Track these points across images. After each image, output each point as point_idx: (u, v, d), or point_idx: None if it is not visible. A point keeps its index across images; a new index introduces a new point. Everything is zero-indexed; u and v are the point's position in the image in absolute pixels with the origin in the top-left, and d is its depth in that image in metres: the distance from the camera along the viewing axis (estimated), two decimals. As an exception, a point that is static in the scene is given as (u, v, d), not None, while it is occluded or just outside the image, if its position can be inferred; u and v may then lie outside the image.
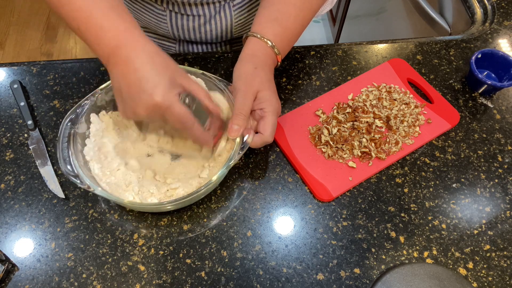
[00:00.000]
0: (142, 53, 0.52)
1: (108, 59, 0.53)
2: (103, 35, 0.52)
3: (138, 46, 0.52)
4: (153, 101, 0.51)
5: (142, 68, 0.51)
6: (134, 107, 0.52)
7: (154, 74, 0.51)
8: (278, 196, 0.64)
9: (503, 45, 0.83)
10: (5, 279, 0.57)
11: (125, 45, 0.52)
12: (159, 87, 0.51)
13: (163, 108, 0.51)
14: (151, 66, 0.51)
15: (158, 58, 0.53)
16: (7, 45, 2.16)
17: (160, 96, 0.50)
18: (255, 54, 0.63)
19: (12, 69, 0.76)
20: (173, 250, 0.59)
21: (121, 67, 0.52)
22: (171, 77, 0.52)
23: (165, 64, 0.53)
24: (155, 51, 0.53)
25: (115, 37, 0.52)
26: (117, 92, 0.54)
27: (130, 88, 0.52)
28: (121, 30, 0.52)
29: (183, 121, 0.53)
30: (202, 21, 0.74)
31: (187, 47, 0.83)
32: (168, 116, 0.53)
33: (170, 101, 0.51)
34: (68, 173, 0.55)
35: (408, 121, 0.70)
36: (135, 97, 0.51)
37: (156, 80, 0.51)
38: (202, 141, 0.58)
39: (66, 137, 0.58)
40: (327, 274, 0.58)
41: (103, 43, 0.53)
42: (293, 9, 0.64)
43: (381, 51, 0.81)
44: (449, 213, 0.63)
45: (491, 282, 0.58)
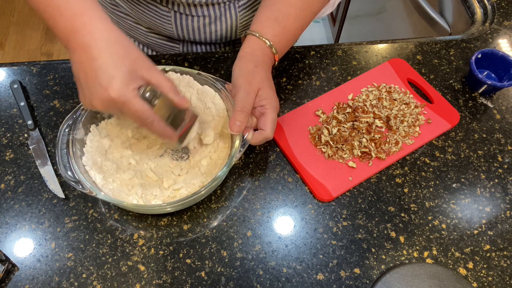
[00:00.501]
0: (101, 40, 0.48)
1: (67, 44, 0.50)
2: (60, 18, 0.49)
3: (96, 32, 0.48)
4: (108, 96, 0.48)
5: (99, 57, 0.48)
6: (91, 99, 0.50)
7: (111, 64, 0.48)
8: (278, 196, 0.64)
9: (503, 45, 0.83)
10: (5, 279, 0.57)
11: (82, 29, 0.48)
12: (114, 81, 0.48)
13: (119, 103, 0.49)
14: (109, 55, 0.48)
15: (117, 45, 0.49)
16: (7, 45, 2.16)
17: (115, 91, 0.48)
18: (254, 53, 0.63)
19: (12, 69, 0.76)
20: (173, 250, 0.59)
21: (79, 53, 0.49)
22: (131, 68, 0.49)
23: (124, 53, 0.49)
24: (115, 38, 0.49)
25: (72, 20, 0.49)
26: (76, 79, 0.51)
27: (86, 78, 0.49)
28: (78, 12, 0.49)
29: (141, 118, 0.51)
30: (207, 21, 0.74)
31: (191, 48, 0.83)
32: (125, 112, 0.50)
33: (126, 97, 0.48)
34: (70, 179, 0.55)
35: (408, 121, 0.70)
36: (91, 88, 0.49)
37: (112, 72, 0.48)
38: (164, 137, 0.55)
39: (65, 143, 0.58)
40: (327, 274, 0.58)
41: (61, 26, 0.49)
42: (293, 10, 0.64)
43: (381, 51, 0.81)
44: (449, 213, 0.63)
45: (491, 282, 0.58)
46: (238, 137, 0.59)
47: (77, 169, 0.56)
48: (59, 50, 2.16)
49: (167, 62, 0.77)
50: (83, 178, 0.56)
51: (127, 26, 0.82)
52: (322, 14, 0.79)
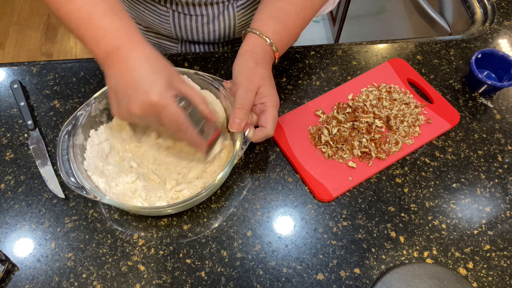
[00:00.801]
0: (142, 54, 0.52)
1: (106, 59, 0.53)
2: (103, 36, 0.52)
3: (138, 48, 0.52)
4: (149, 100, 0.50)
5: (140, 67, 0.51)
6: (129, 105, 0.52)
7: (151, 73, 0.51)
8: (278, 196, 0.64)
9: (503, 45, 0.83)
10: (5, 279, 0.57)
11: (124, 47, 0.52)
12: (155, 86, 0.50)
13: (159, 107, 0.51)
14: (149, 66, 0.52)
15: (156, 60, 0.53)
16: (7, 45, 2.16)
17: (156, 95, 0.50)
18: (254, 51, 0.63)
19: (12, 69, 0.76)
20: (173, 250, 0.59)
21: (119, 66, 0.52)
22: (168, 79, 0.52)
23: (162, 66, 0.53)
24: (154, 54, 0.53)
25: (116, 38, 0.52)
26: (112, 92, 0.54)
27: (126, 86, 0.51)
28: (122, 32, 0.53)
29: (178, 122, 0.53)
30: (206, 21, 0.74)
31: (189, 47, 0.83)
32: (163, 116, 0.52)
33: (166, 101, 0.51)
34: (73, 185, 0.55)
35: (408, 121, 0.70)
36: (131, 95, 0.51)
37: (153, 79, 0.51)
38: (196, 144, 0.57)
39: (65, 149, 0.58)
40: (327, 274, 0.58)
41: (103, 44, 0.53)
42: (294, 8, 0.64)
43: (381, 51, 0.81)
44: (449, 213, 0.63)
45: (491, 282, 0.58)
46: (239, 136, 0.59)
47: (79, 174, 0.56)
48: (59, 50, 2.16)
49: (167, 62, 0.77)
50: (86, 184, 0.55)
51: None
52: (323, 11, 0.79)
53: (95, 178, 0.58)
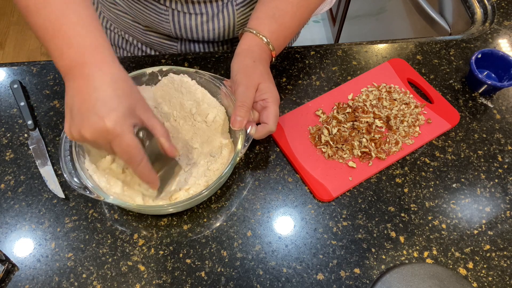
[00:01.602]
0: (107, 75, 0.49)
1: (68, 73, 0.50)
2: (68, 48, 0.49)
3: (104, 66, 0.49)
4: (104, 126, 0.47)
5: (101, 89, 0.48)
6: (81, 127, 0.48)
7: (112, 98, 0.48)
8: (278, 196, 0.64)
9: (503, 45, 0.83)
10: (5, 279, 0.57)
11: (90, 63, 0.49)
12: (114, 113, 0.47)
13: (113, 135, 0.48)
14: (112, 90, 0.48)
15: (122, 83, 0.50)
16: (7, 45, 2.16)
17: (112, 122, 0.47)
18: (251, 49, 0.63)
19: (12, 69, 0.76)
20: (173, 250, 0.59)
21: (80, 82, 0.48)
22: (131, 106, 0.49)
23: (128, 91, 0.50)
24: (121, 76, 0.50)
25: (82, 53, 0.49)
26: (68, 108, 0.50)
27: (82, 106, 0.48)
28: (90, 48, 0.49)
29: (131, 154, 0.50)
30: (205, 19, 0.74)
31: (189, 46, 0.83)
32: (115, 146, 0.49)
33: (122, 130, 0.48)
34: (76, 185, 0.55)
35: (408, 121, 0.70)
36: (84, 117, 0.48)
37: (113, 105, 0.47)
38: (147, 180, 0.54)
39: (68, 150, 0.57)
40: (327, 274, 0.58)
41: (67, 56, 0.49)
42: (290, 7, 0.65)
43: (381, 51, 0.81)
44: (449, 213, 0.63)
45: (491, 282, 0.58)
46: (242, 133, 0.59)
47: (82, 174, 0.56)
48: (59, 50, 2.16)
49: (167, 62, 0.77)
50: (89, 183, 0.55)
51: (125, 24, 0.82)
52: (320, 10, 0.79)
53: (96, 177, 0.58)
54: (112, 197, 0.55)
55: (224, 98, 0.65)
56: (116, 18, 0.82)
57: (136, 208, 0.57)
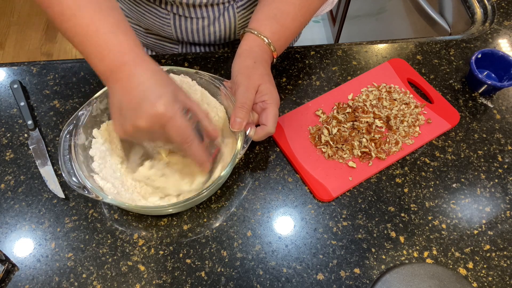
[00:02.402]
0: (147, 70, 0.52)
1: (110, 76, 0.52)
2: (108, 52, 0.52)
3: (143, 64, 0.52)
4: (156, 111, 0.50)
5: (146, 81, 0.51)
6: (136, 118, 0.51)
7: (157, 86, 0.51)
8: (278, 196, 0.64)
9: (503, 45, 0.83)
10: (5, 279, 0.57)
11: (129, 63, 0.51)
12: (162, 98, 0.50)
13: (166, 118, 0.50)
14: (155, 80, 0.51)
15: (161, 75, 0.53)
16: (7, 45, 2.16)
17: (163, 106, 0.50)
18: (252, 50, 0.63)
19: (12, 69, 0.76)
20: (173, 250, 0.59)
21: (124, 82, 0.51)
22: (174, 92, 0.52)
23: (168, 81, 0.53)
24: (158, 69, 0.53)
25: (121, 55, 0.52)
26: (115, 108, 0.53)
27: (131, 101, 0.51)
28: (127, 49, 0.52)
29: (184, 134, 0.52)
30: (206, 23, 0.74)
31: (190, 49, 0.83)
32: (169, 128, 0.51)
33: (173, 112, 0.50)
34: (74, 185, 0.55)
35: (408, 121, 0.70)
36: (137, 108, 0.50)
37: (160, 91, 0.50)
38: (201, 159, 0.55)
39: (67, 149, 0.57)
40: (327, 274, 0.58)
41: (108, 60, 0.52)
42: (292, 8, 0.64)
43: (381, 51, 0.81)
44: (449, 213, 0.63)
45: (491, 282, 0.58)
46: (241, 135, 0.59)
47: (81, 174, 0.56)
48: (59, 50, 2.16)
49: (167, 62, 0.77)
50: (88, 183, 0.55)
51: None
52: (322, 11, 0.79)
53: (97, 177, 0.58)
54: (110, 197, 0.55)
55: (224, 99, 0.65)
56: None
57: (135, 208, 0.57)
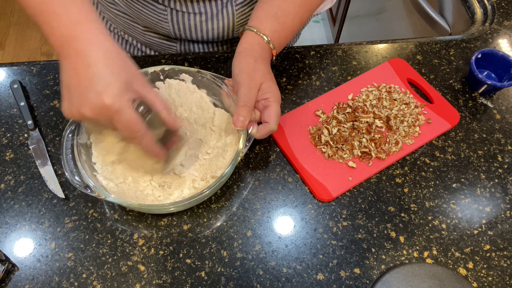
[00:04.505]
0: (99, 49, 0.48)
1: (61, 50, 0.49)
2: (58, 24, 0.48)
3: (95, 40, 0.48)
4: (102, 102, 0.46)
5: (96, 65, 0.47)
6: (80, 105, 0.48)
7: (108, 73, 0.47)
8: (278, 196, 0.64)
9: (503, 45, 0.83)
10: (5, 279, 0.57)
11: (81, 37, 0.47)
12: (110, 88, 0.47)
13: (112, 111, 0.47)
14: (106, 65, 0.47)
15: (116, 57, 0.49)
16: (7, 45, 2.16)
17: (110, 98, 0.46)
18: (252, 48, 0.63)
19: (12, 69, 0.76)
20: (173, 250, 0.59)
21: (73, 59, 0.47)
22: (127, 80, 0.49)
23: (123, 65, 0.49)
24: (114, 50, 0.49)
25: (71, 27, 0.48)
26: (65, 87, 0.49)
27: (79, 84, 0.47)
28: (79, 21, 0.48)
29: (132, 129, 0.49)
30: (204, 18, 0.74)
31: (188, 47, 0.83)
32: (116, 121, 0.48)
33: (121, 105, 0.47)
34: (77, 184, 0.55)
35: (408, 121, 0.70)
36: (83, 95, 0.47)
37: (109, 80, 0.47)
38: (152, 153, 0.54)
39: (69, 148, 0.57)
40: (327, 274, 0.58)
41: (57, 32, 0.48)
42: (292, 6, 0.65)
43: (381, 51, 0.81)
44: (449, 213, 0.63)
45: (491, 282, 0.58)
46: (243, 133, 0.59)
47: (84, 173, 0.56)
48: (59, 50, 2.16)
49: (167, 62, 0.77)
50: (91, 183, 0.55)
51: (125, 24, 0.82)
52: (322, 9, 0.79)
53: (99, 176, 0.59)
54: (113, 196, 0.55)
55: (226, 98, 0.65)
56: (116, 18, 0.82)
57: (137, 206, 0.57)
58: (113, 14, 0.81)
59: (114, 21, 0.83)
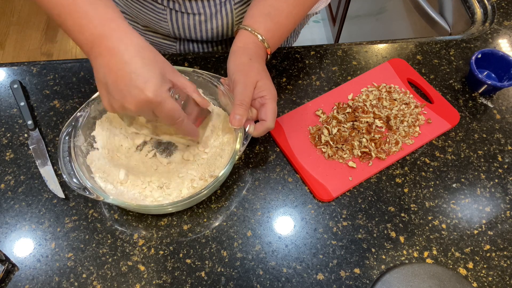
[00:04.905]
0: (131, 46, 0.50)
1: (92, 49, 0.51)
2: (87, 23, 0.50)
3: (125, 38, 0.50)
4: (145, 97, 0.49)
5: (131, 62, 0.49)
6: (123, 101, 0.51)
7: (145, 68, 0.50)
8: (278, 196, 0.64)
9: (503, 45, 0.83)
10: (5, 279, 0.57)
11: (111, 35, 0.50)
12: (150, 83, 0.49)
13: (155, 104, 0.51)
14: (141, 60, 0.50)
15: (146, 51, 0.51)
16: (7, 45, 2.16)
17: (151, 92, 0.49)
18: (246, 47, 0.63)
19: (12, 69, 0.76)
20: (173, 250, 0.59)
21: (107, 58, 0.50)
22: (161, 72, 0.52)
23: (154, 59, 0.52)
24: (143, 44, 0.51)
25: (101, 25, 0.50)
26: (101, 84, 0.52)
27: (118, 82, 0.50)
28: (107, 19, 0.50)
29: (174, 116, 0.53)
30: (203, 18, 0.74)
31: (188, 46, 0.83)
32: (159, 112, 0.52)
33: (162, 97, 0.51)
34: (75, 186, 0.55)
35: (408, 121, 0.70)
36: (124, 91, 0.50)
37: (147, 75, 0.50)
38: (191, 135, 0.59)
39: (66, 151, 0.57)
40: (327, 274, 0.58)
41: (87, 31, 0.50)
42: (286, 5, 0.65)
43: (381, 51, 0.81)
44: (449, 213, 0.63)
45: (491, 282, 0.58)
46: (240, 132, 0.60)
47: (82, 175, 0.56)
48: (59, 50, 2.17)
49: (167, 62, 0.77)
50: (89, 185, 0.55)
51: None
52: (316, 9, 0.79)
53: (98, 178, 0.59)
54: (111, 198, 0.55)
55: (222, 97, 0.65)
56: None
57: (136, 207, 0.57)
58: None
59: None
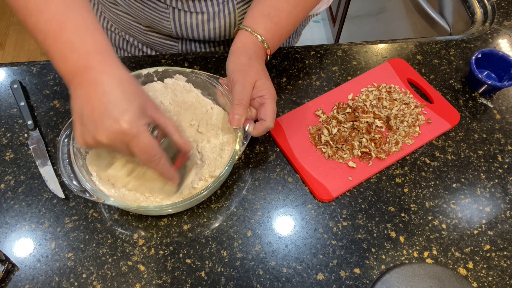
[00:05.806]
0: (114, 78, 0.48)
1: (73, 78, 0.49)
2: (71, 54, 0.49)
3: (109, 70, 0.49)
4: (119, 128, 0.47)
5: (111, 92, 0.48)
6: (95, 132, 0.48)
7: (123, 99, 0.48)
8: (278, 196, 0.64)
9: (503, 45, 0.83)
10: (5, 279, 0.57)
11: (95, 67, 0.48)
12: (127, 114, 0.47)
13: (130, 136, 0.48)
14: (121, 91, 0.48)
15: (129, 84, 0.50)
16: (7, 45, 2.16)
17: (127, 123, 0.47)
18: (246, 47, 0.63)
19: (12, 69, 0.76)
20: (173, 250, 0.59)
21: (87, 88, 0.48)
22: (141, 106, 0.49)
23: (136, 92, 0.50)
24: (127, 77, 0.50)
25: (86, 57, 0.49)
26: (77, 115, 0.50)
27: (93, 112, 0.48)
28: (94, 51, 0.49)
29: (150, 153, 0.50)
30: (206, 18, 0.75)
31: (190, 46, 0.83)
32: (133, 146, 0.49)
33: (138, 129, 0.48)
34: (75, 188, 0.55)
35: (408, 121, 0.70)
36: (98, 121, 0.47)
37: (125, 106, 0.47)
38: (168, 177, 0.55)
39: (66, 153, 0.57)
40: (327, 274, 0.58)
41: (71, 61, 0.49)
42: (286, 6, 0.65)
43: (381, 51, 0.81)
44: (449, 213, 0.63)
45: (491, 282, 0.58)
46: (240, 132, 0.59)
47: (82, 177, 0.56)
48: (59, 50, 2.16)
49: (167, 62, 0.77)
50: (89, 187, 0.55)
51: (126, 25, 0.82)
52: (317, 10, 0.79)
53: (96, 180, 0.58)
54: (112, 199, 0.55)
55: (221, 97, 0.65)
56: (117, 18, 0.82)
57: (137, 209, 0.57)
58: (114, 14, 0.81)
59: (115, 21, 0.83)
